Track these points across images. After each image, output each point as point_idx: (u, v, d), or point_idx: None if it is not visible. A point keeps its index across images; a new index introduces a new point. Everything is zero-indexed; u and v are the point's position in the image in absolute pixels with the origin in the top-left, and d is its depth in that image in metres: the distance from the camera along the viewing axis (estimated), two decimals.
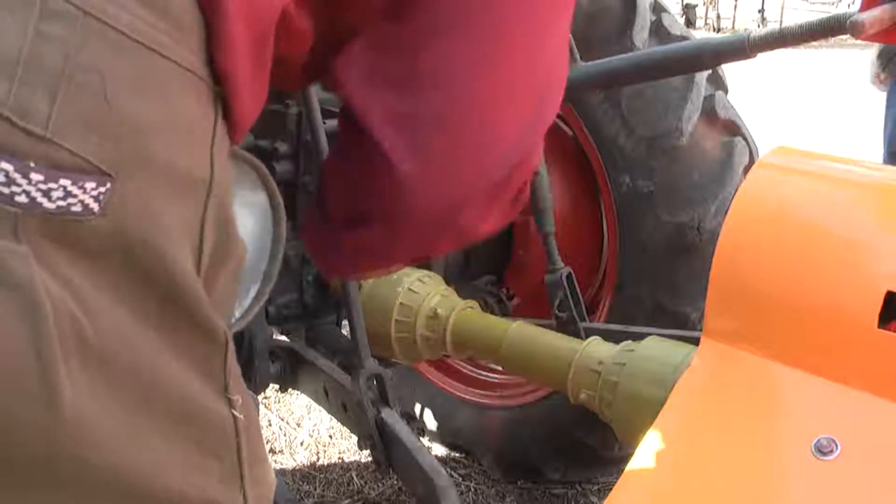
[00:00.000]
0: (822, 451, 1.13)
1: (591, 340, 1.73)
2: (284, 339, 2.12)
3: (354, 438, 1.79)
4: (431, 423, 2.81)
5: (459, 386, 2.78)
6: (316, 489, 2.69)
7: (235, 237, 0.69)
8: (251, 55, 0.65)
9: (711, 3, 19.49)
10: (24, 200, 0.53)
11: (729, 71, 2.22)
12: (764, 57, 1.56)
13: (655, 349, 1.60)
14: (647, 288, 2.26)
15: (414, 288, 1.95)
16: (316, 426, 3.04)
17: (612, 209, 2.31)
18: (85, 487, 0.59)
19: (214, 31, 0.61)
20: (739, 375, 1.29)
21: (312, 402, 2.14)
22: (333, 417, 1.97)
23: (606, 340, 1.74)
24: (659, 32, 2.27)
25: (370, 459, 1.77)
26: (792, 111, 8.64)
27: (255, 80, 0.67)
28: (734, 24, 19.08)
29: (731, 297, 1.33)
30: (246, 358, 1.90)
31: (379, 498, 2.65)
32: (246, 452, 0.69)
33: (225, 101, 0.65)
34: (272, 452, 2.90)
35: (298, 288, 2.10)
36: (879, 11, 1.36)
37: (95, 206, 0.55)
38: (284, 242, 0.93)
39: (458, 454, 2.87)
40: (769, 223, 1.33)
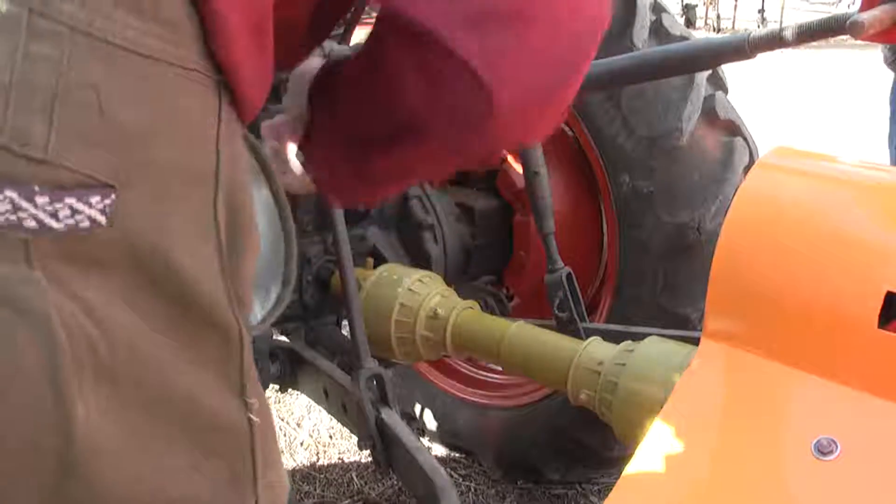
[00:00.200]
0: (822, 451, 1.13)
1: (591, 341, 1.73)
2: (284, 339, 2.12)
3: (354, 439, 1.79)
4: (431, 423, 2.81)
5: (459, 386, 2.79)
6: (316, 489, 2.69)
7: (250, 225, 0.68)
8: (251, 42, 0.65)
9: (711, 3, 19.49)
10: (32, 225, 0.52)
11: (729, 71, 2.22)
12: (764, 57, 1.56)
13: (655, 349, 1.60)
14: (647, 288, 2.25)
15: (414, 288, 1.94)
16: (316, 426, 3.04)
17: (612, 209, 2.31)
18: (95, 502, 0.59)
19: (210, 25, 0.60)
20: (739, 375, 1.29)
21: (312, 402, 2.14)
22: (333, 418, 1.97)
23: (606, 340, 1.73)
24: (659, 32, 2.27)
25: (370, 460, 1.77)
26: (792, 111, 8.64)
27: (258, 64, 0.67)
28: (734, 24, 19.08)
29: (730, 297, 1.33)
30: None
31: (379, 498, 2.64)
32: (260, 456, 0.68)
33: (230, 88, 0.64)
34: None
35: (298, 288, 2.10)
36: (879, 11, 1.36)
37: (102, 218, 0.55)
38: (296, 241, 0.92)
39: (458, 454, 2.87)
40: (769, 223, 1.33)
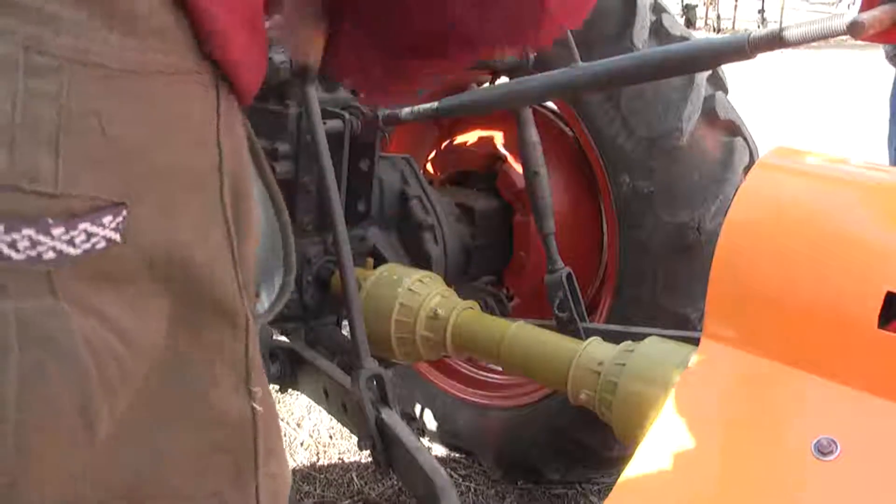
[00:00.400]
0: (822, 451, 1.13)
1: (591, 341, 1.73)
2: (284, 339, 2.12)
3: (354, 439, 1.79)
4: (431, 423, 2.81)
5: (459, 386, 2.79)
6: (316, 489, 2.69)
7: (251, 211, 0.69)
8: (247, 37, 0.65)
9: (711, 3, 19.49)
10: (51, 256, 0.53)
11: (729, 71, 2.22)
12: (764, 57, 1.56)
13: (655, 350, 1.60)
14: (647, 288, 2.26)
15: (414, 288, 1.94)
16: (316, 426, 3.04)
17: (612, 209, 2.31)
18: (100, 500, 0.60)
19: (203, 27, 0.61)
20: (739, 376, 1.29)
21: (312, 402, 2.14)
22: (333, 418, 1.97)
23: (606, 341, 1.74)
24: (659, 33, 2.27)
25: (370, 460, 1.77)
26: (792, 111, 8.64)
27: (255, 54, 0.67)
28: (734, 24, 19.08)
29: (730, 297, 1.33)
30: None
31: (379, 498, 2.65)
32: (262, 447, 0.68)
33: (227, 79, 0.65)
34: None
35: (298, 288, 2.10)
36: (879, 11, 1.36)
37: (117, 236, 0.56)
38: (291, 231, 0.92)
39: (458, 454, 2.87)
40: (769, 223, 1.33)
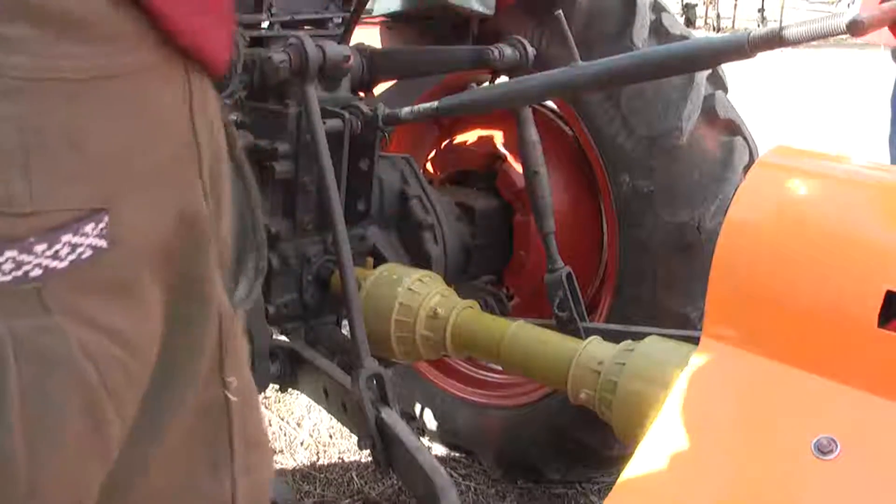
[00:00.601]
0: (822, 450, 1.13)
1: (591, 340, 1.73)
2: (284, 338, 2.12)
3: (354, 438, 1.78)
4: (431, 422, 2.81)
5: (459, 385, 2.79)
6: (316, 489, 2.69)
7: (227, 191, 0.69)
8: (199, 18, 0.64)
9: (711, 2, 19.48)
10: (38, 273, 0.54)
11: (729, 71, 2.22)
12: (764, 57, 1.56)
13: (655, 349, 1.60)
14: (647, 288, 2.25)
15: (414, 288, 1.94)
16: (316, 426, 3.04)
17: (612, 209, 2.31)
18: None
19: (155, 21, 0.60)
20: (739, 375, 1.29)
21: (312, 401, 2.14)
22: (333, 417, 1.97)
23: (606, 340, 1.74)
24: (659, 32, 2.27)
25: (370, 459, 1.77)
26: (792, 111, 8.64)
27: (211, 30, 0.66)
28: (734, 23, 19.07)
29: (730, 296, 1.33)
30: None
31: (379, 498, 2.64)
32: (238, 438, 0.68)
33: (195, 60, 0.64)
34: (272, 452, 2.90)
35: (298, 288, 2.10)
36: (879, 11, 1.36)
37: (103, 242, 0.56)
38: (261, 210, 0.91)
39: (458, 454, 2.87)
40: (768, 223, 1.33)
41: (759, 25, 17.87)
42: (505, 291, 2.54)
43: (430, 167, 2.81)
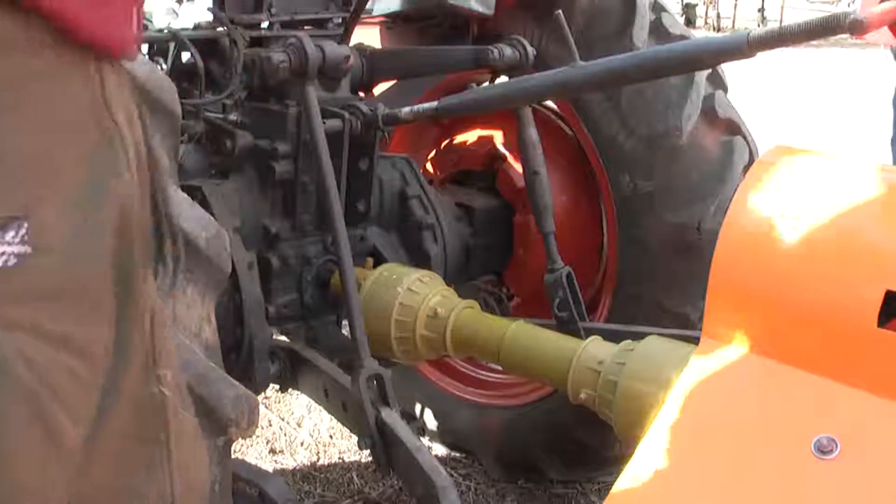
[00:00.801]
0: (822, 450, 1.13)
1: (591, 340, 1.73)
2: (284, 339, 2.12)
3: (355, 438, 1.79)
4: (431, 422, 2.81)
5: (459, 385, 2.78)
6: (316, 489, 2.69)
7: (148, 176, 0.68)
8: (90, 12, 0.63)
9: (711, 2, 19.48)
10: None
11: (729, 71, 2.22)
12: (764, 57, 1.56)
13: (655, 348, 1.60)
14: (647, 287, 2.25)
15: (414, 288, 1.94)
16: (316, 426, 3.04)
17: (612, 209, 2.31)
18: None
19: (49, 22, 0.59)
20: (739, 375, 1.29)
21: (312, 402, 2.14)
22: (333, 417, 1.97)
23: (606, 340, 1.74)
24: (658, 32, 2.27)
25: (370, 459, 1.77)
26: (792, 111, 8.63)
27: (119, 14, 0.65)
28: (734, 23, 19.07)
29: (730, 296, 1.33)
30: (246, 358, 1.90)
31: (379, 498, 2.64)
32: (174, 434, 0.67)
33: (102, 51, 0.63)
34: (273, 452, 2.90)
35: (298, 288, 2.10)
36: (879, 11, 1.36)
37: (26, 248, 0.55)
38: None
39: (458, 454, 2.87)
40: (768, 222, 1.33)
41: (759, 25, 17.88)
42: (505, 291, 2.54)
43: (430, 167, 2.81)
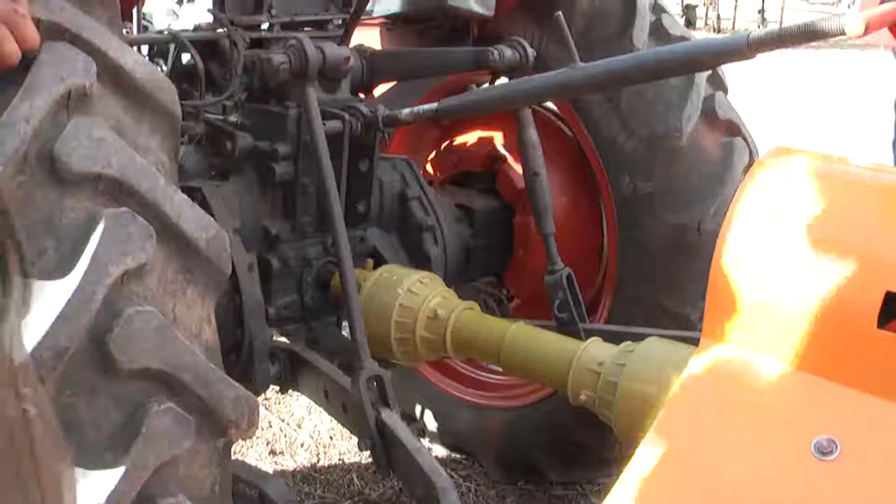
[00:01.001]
0: (822, 451, 1.13)
1: (591, 341, 1.73)
2: (284, 340, 2.12)
3: (355, 440, 1.79)
4: (432, 424, 2.81)
5: (459, 387, 2.78)
6: (316, 490, 2.69)
7: None
8: None
9: (711, 3, 19.47)
10: None
11: (729, 71, 2.22)
12: (764, 57, 1.56)
13: (655, 350, 1.60)
14: (647, 288, 2.25)
15: (414, 289, 1.94)
16: (316, 427, 3.04)
17: (612, 210, 2.31)
18: None
19: None
20: (739, 375, 1.29)
21: (313, 403, 2.14)
22: (333, 418, 1.97)
23: (606, 341, 1.73)
24: (659, 33, 2.27)
25: (370, 461, 1.77)
26: (792, 111, 8.63)
27: None
28: (734, 24, 19.06)
29: (730, 297, 1.33)
30: (246, 359, 1.90)
31: (379, 499, 2.65)
32: (42, 450, 0.64)
33: None
34: (273, 454, 2.90)
35: (298, 289, 2.10)
36: (879, 11, 1.36)
37: None
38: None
39: (458, 455, 2.87)
40: (767, 223, 1.33)
41: (759, 26, 17.87)
42: (505, 292, 2.54)
43: (430, 168, 2.81)
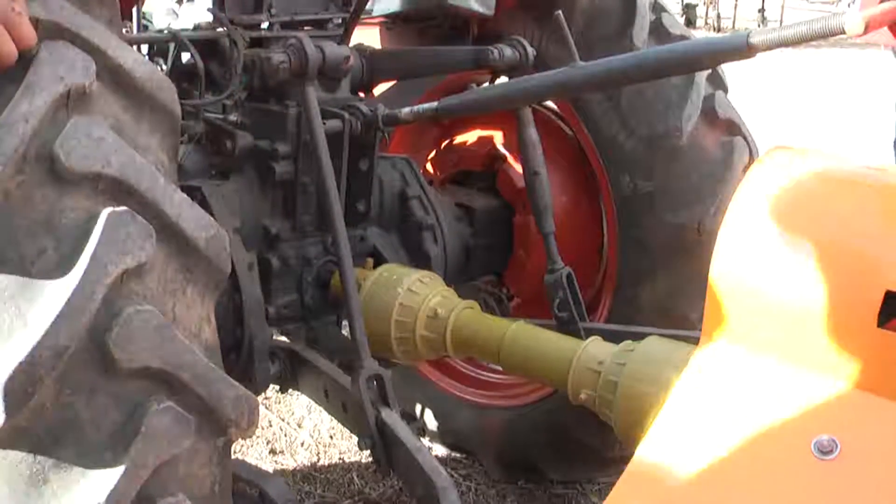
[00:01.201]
0: (822, 450, 1.13)
1: (591, 340, 1.73)
2: (284, 339, 2.12)
3: (355, 439, 1.79)
4: (432, 423, 2.81)
5: (460, 386, 2.78)
6: (317, 489, 2.69)
7: None
8: None
9: (711, 2, 19.46)
10: None
11: (729, 71, 2.22)
12: (764, 57, 1.56)
13: (655, 349, 1.60)
14: (647, 288, 2.25)
15: (414, 288, 1.94)
16: (316, 426, 3.04)
17: (612, 209, 2.31)
18: None
19: None
20: (739, 375, 1.29)
21: (313, 402, 2.14)
22: (334, 418, 1.97)
23: (606, 340, 1.73)
24: (659, 32, 2.27)
25: (371, 460, 1.77)
26: (792, 111, 8.63)
27: None
28: (734, 23, 19.06)
29: (729, 296, 1.33)
30: (246, 358, 1.90)
31: (379, 498, 2.65)
32: None
33: None
34: (273, 453, 2.90)
35: (298, 288, 2.10)
36: (879, 11, 1.36)
37: None
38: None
39: (458, 454, 2.87)
40: (767, 222, 1.33)
41: (759, 25, 17.86)
42: (505, 292, 2.54)
43: (430, 167, 2.81)
